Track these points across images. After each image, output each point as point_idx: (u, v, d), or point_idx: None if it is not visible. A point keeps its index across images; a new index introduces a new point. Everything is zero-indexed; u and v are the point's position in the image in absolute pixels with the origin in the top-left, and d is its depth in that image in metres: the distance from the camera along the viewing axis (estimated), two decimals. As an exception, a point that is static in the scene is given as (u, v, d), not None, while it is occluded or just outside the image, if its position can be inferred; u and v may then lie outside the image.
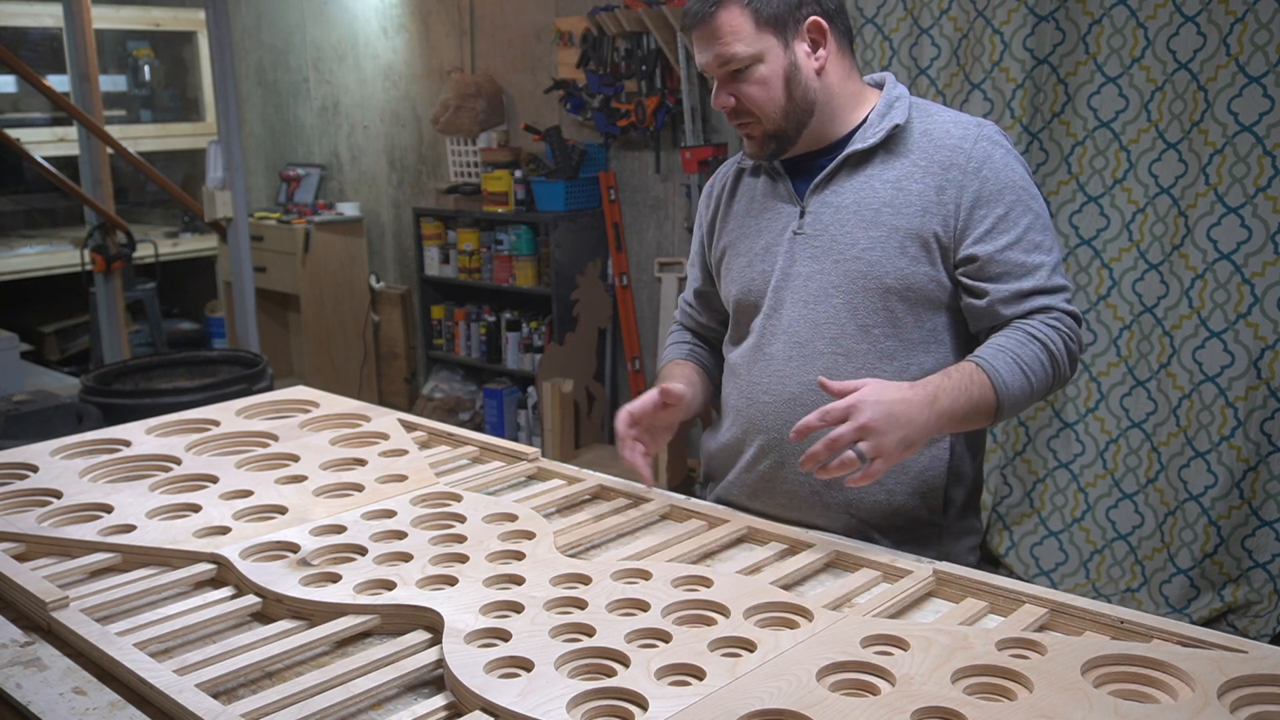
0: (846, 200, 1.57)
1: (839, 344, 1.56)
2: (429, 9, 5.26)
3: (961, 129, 1.55)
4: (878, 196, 1.55)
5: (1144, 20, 3.08)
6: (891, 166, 1.56)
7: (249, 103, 6.36)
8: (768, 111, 1.54)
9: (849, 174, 1.58)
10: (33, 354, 5.35)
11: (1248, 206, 2.97)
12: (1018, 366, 1.44)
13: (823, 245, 1.57)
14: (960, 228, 1.52)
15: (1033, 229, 1.52)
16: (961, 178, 1.52)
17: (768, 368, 1.61)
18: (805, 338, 1.58)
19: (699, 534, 1.48)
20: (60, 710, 1.07)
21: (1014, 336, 1.48)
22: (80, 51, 4.26)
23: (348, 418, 1.96)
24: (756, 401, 1.62)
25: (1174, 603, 3.21)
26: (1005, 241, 1.50)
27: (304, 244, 5.50)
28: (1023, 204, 1.52)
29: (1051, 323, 1.49)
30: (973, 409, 1.42)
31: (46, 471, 1.69)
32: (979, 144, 1.53)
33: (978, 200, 1.51)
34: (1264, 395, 3.02)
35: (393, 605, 1.23)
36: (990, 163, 1.52)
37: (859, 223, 1.55)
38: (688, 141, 4.16)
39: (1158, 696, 1.04)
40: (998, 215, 1.51)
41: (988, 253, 1.50)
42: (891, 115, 1.57)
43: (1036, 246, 1.51)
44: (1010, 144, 1.57)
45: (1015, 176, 1.53)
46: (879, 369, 1.54)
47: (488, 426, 4.91)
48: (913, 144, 1.56)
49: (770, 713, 1.00)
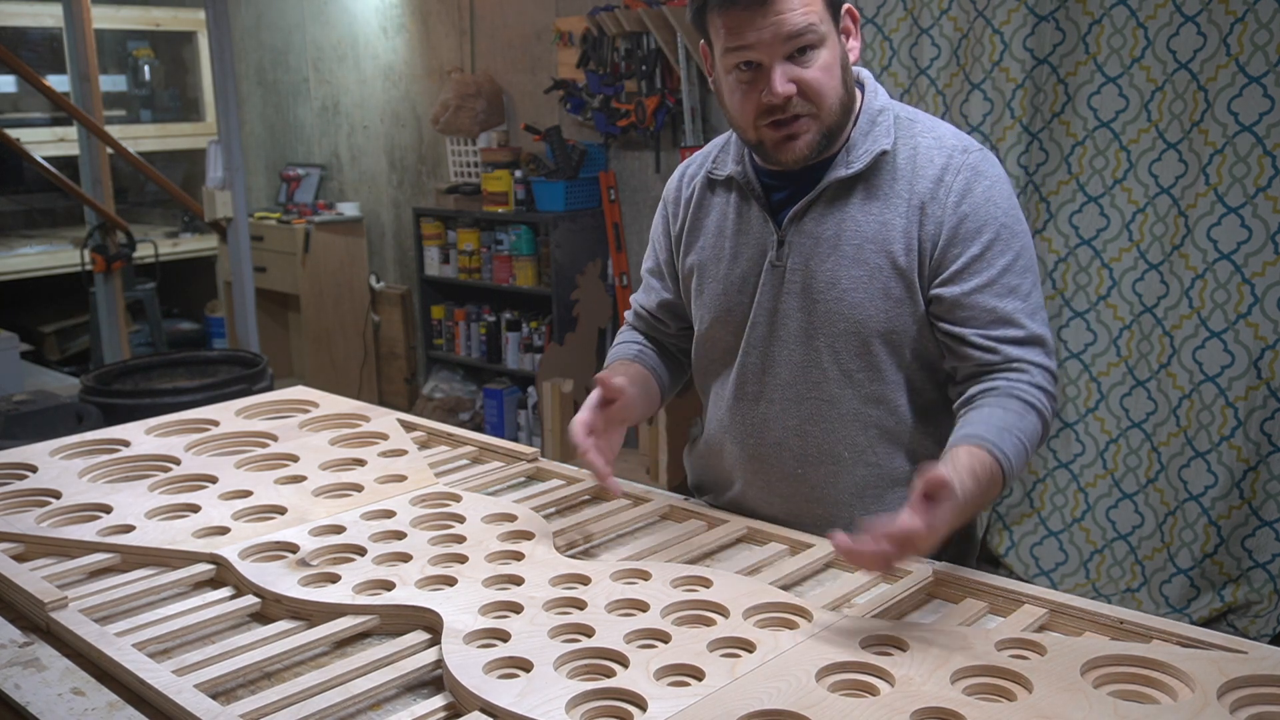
0: (827, 232, 1.46)
1: (822, 389, 1.48)
2: (429, 9, 5.26)
3: (945, 156, 1.44)
4: (860, 231, 1.44)
5: (1144, 20, 3.08)
6: (874, 198, 1.44)
7: (249, 103, 6.36)
8: (830, 101, 1.39)
9: (829, 203, 1.46)
10: (33, 354, 5.35)
11: (1248, 206, 2.97)
12: (1023, 447, 1.34)
13: (802, 282, 1.47)
14: (934, 265, 1.42)
15: (1010, 271, 1.41)
16: (940, 212, 1.41)
17: (752, 411, 1.54)
18: (788, 380, 1.50)
19: (698, 534, 1.48)
20: (59, 711, 1.07)
21: (1012, 409, 1.36)
22: (80, 51, 4.26)
23: (347, 418, 1.96)
24: (743, 444, 1.56)
25: (1174, 603, 3.21)
26: (976, 284, 1.40)
27: (304, 244, 5.50)
28: (1002, 242, 1.41)
29: (1037, 383, 1.39)
30: (981, 509, 1.41)
31: (46, 472, 1.69)
32: (960, 175, 1.42)
33: (954, 237, 1.41)
34: (1264, 395, 3.02)
35: (392, 606, 1.23)
36: (970, 196, 1.41)
37: (840, 260, 1.44)
38: (688, 141, 4.16)
39: (1157, 697, 1.04)
40: (972, 255, 1.40)
41: (954, 295, 1.40)
42: (875, 135, 1.45)
43: (1012, 291, 1.41)
44: (998, 172, 1.45)
45: (997, 212, 1.42)
46: (864, 413, 1.48)
47: (488, 426, 4.91)
48: (897, 173, 1.44)
49: (769, 713, 1.00)
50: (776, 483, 1.54)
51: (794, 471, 1.52)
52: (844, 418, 1.49)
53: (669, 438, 4.05)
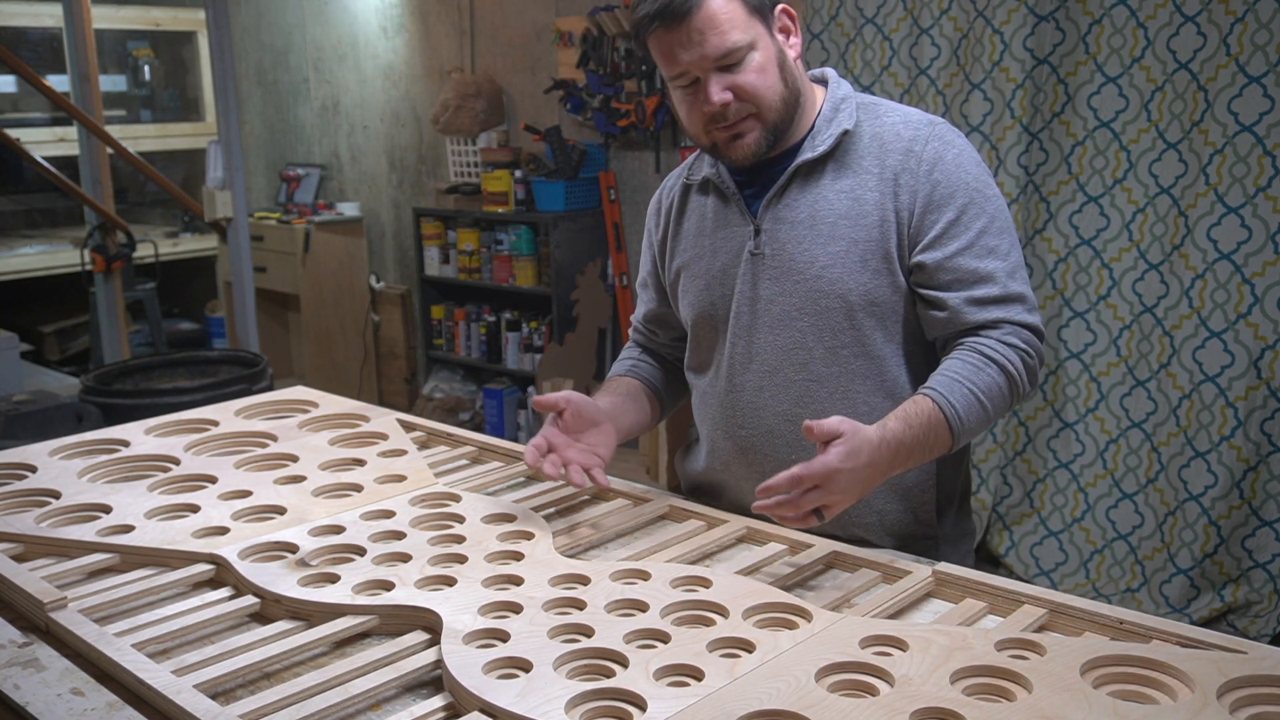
0: (801, 215, 1.50)
1: (809, 369, 1.51)
2: (429, 9, 5.26)
3: (912, 130, 1.49)
4: (832, 209, 1.49)
5: (1144, 20, 3.08)
6: (843, 175, 1.50)
7: (249, 103, 6.36)
8: (769, 100, 1.45)
9: (800, 186, 1.51)
10: (33, 354, 5.35)
11: (1248, 206, 2.97)
12: (974, 397, 1.39)
13: (781, 265, 1.51)
14: (912, 233, 1.46)
15: (987, 233, 1.45)
16: (913, 182, 1.46)
17: (740, 400, 1.57)
18: (774, 366, 1.53)
19: (698, 534, 1.48)
20: (58, 711, 1.06)
21: (969, 361, 1.41)
22: (80, 51, 4.26)
23: (347, 418, 1.96)
24: (734, 436, 1.58)
25: (1174, 603, 3.21)
26: (956, 247, 1.44)
27: (304, 244, 5.50)
28: (976, 206, 1.46)
29: (1008, 339, 1.43)
30: (928, 453, 1.39)
31: (45, 472, 1.69)
32: (930, 145, 1.47)
33: (929, 205, 1.45)
34: (1264, 395, 3.02)
35: (391, 606, 1.23)
36: (941, 164, 1.46)
37: (816, 238, 1.49)
38: (687, 141, 4.16)
39: (1157, 697, 1.04)
40: (949, 220, 1.45)
41: (936, 260, 1.45)
42: (839, 120, 1.51)
43: (990, 251, 1.45)
44: (964, 142, 1.51)
45: (968, 178, 1.47)
46: (853, 389, 1.50)
47: (488, 426, 4.91)
48: (863, 149, 1.50)
49: (769, 713, 1.00)
50: (771, 470, 1.54)
51: (787, 458, 1.52)
52: (832, 396, 1.51)
53: (669, 438, 4.05)
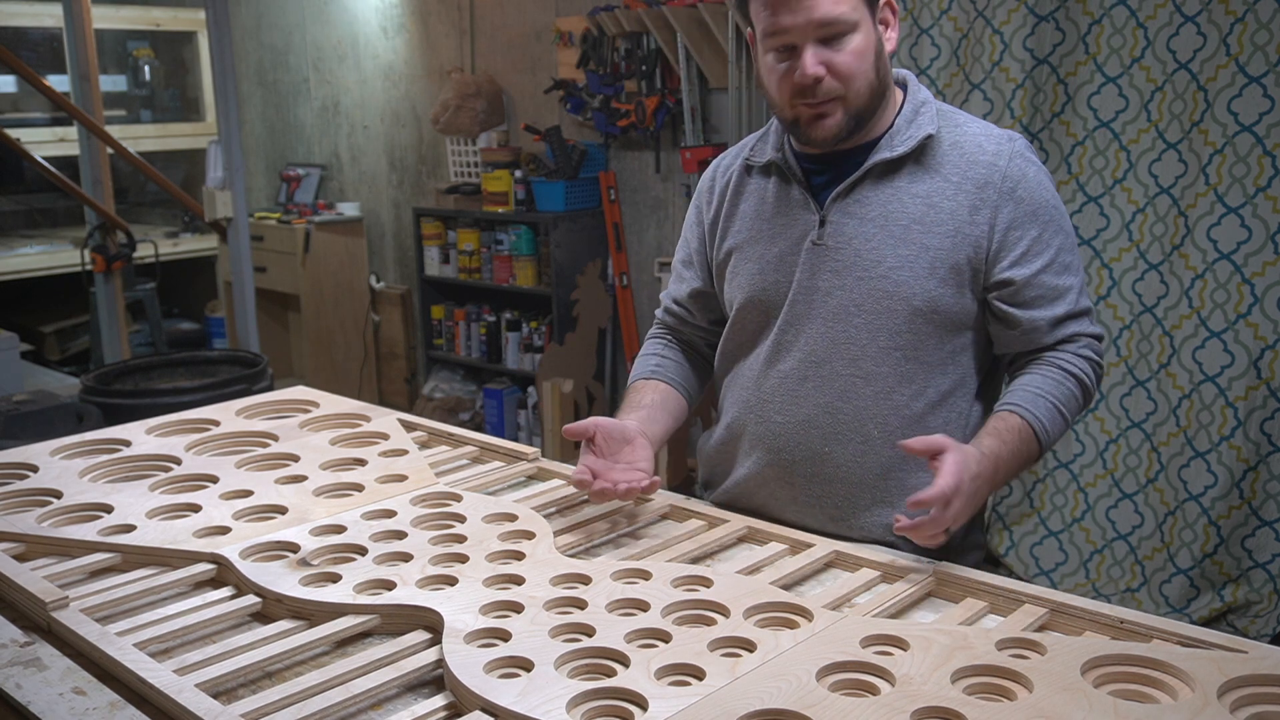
0: (872, 212, 1.50)
1: (858, 365, 1.51)
2: (429, 9, 5.26)
3: (994, 144, 1.50)
4: (907, 212, 1.49)
5: (1144, 20, 3.08)
6: (921, 180, 1.50)
7: (249, 103, 6.36)
8: (859, 85, 1.45)
9: (874, 184, 1.51)
10: (33, 354, 5.35)
11: (1248, 206, 2.97)
12: (1058, 412, 1.46)
13: (845, 260, 1.51)
14: (994, 250, 1.48)
15: (1064, 250, 1.50)
16: (997, 198, 1.48)
17: (780, 386, 1.56)
18: (823, 357, 1.53)
19: (699, 534, 1.48)
20: (60, 710, 1.07)
21: (1050, 376, 1.48)
22: (80, 51, 4.26)
23: (348, 418, 1.96)
24: (768, 420, 1.57)
25: (1174, 603, 3.21)
26: (1039, 265, 1.48)
27: (304, 244, 5.50)
28: (1055, 224, 1.50)
29: (1082, 352, 1.50)
30: (1021, 466, 1.45)
31: (46, 471, 1.69)
32: (1014, 161, 1.49)
33: (1013, 222, 1.48)
34: (1264, 395, 3.02)
35: (392, 605, 1.23)
36: (1025, 182, 1.49)
37: (886, 238, 1.49)
38: (688, 141, 4.16)
39: (1158, 697, 1.04)
40: (1032, 238, 1.48)
41: (1023, 276, 1.48)
42: (920, 123, 1.51)
43: (1067, 268, 1.50)
44: (1040, 160, 1.54)
45: (1048, 195, 1.50)
46: (896, 391, 1.51)
47: (488, 426, 4.91)
48: (943, 156, 1.50)
49: (770, 713, 1.00)
50: (801, 461, 1.55)
51: (820, 450, 1.54)
52: (877, 395, 1.51)
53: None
